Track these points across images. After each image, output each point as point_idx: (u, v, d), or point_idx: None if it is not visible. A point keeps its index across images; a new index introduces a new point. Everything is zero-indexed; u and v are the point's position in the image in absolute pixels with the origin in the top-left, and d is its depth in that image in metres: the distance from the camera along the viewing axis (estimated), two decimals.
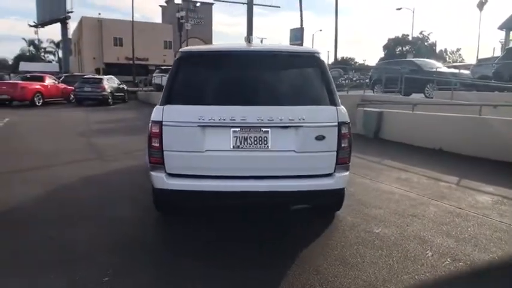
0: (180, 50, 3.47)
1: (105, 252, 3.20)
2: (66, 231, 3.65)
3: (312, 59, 3.44)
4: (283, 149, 3.10)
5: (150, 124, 3.15)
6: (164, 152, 3.13)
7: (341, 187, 3.25)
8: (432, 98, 13.60)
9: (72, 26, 45.83)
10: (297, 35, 48.93)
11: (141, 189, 4.70)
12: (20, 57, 63.45)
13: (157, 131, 3.10)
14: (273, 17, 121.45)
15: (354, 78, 28.25)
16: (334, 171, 3.19)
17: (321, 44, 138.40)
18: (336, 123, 3.12)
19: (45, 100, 18.35)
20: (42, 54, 69.24)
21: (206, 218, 4.05)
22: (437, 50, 62.33)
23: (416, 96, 14.24)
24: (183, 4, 31.55)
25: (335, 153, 3.15)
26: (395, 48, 69.60)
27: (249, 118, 3.07)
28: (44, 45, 67.29)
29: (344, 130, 3.16)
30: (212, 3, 49.60)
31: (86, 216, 4.07)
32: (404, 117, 9.19)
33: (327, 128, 3.11)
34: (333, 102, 3.19)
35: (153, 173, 3.19)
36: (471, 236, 3.64)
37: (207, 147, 3.10)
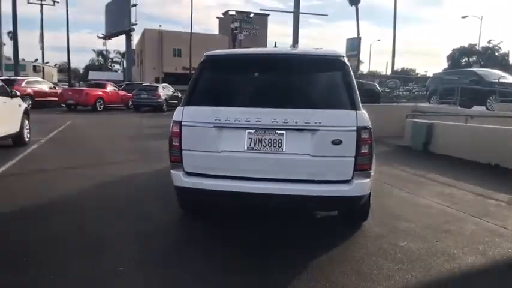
0: (205, 53, 3.57)
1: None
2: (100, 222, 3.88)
3: (333, 62, 3.37)
4: (298, 152, 3.05)
5: (171, 124, 3.27)
6: (183, 151, 3.22)
7: (359, 194, 3.11)
8: (494, 110, 12.65)
9: (136, 38, 48.88)
10: (353, 44, 48.19)
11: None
12: (90, 67, 68.78)
13: (177, 130, 3.21)
14: (331, 27, 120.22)
15: (414, 90, 27.11)
16: (352, 178, 3.07)
17: (379, 53, 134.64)
18: (355, 128, 3.01)
19: (106, 106, 19.64)
20: (110, 64, 74.47)
21: (223, 219, 4.09)
22: (511, 61, 57.58)
23: (478, 109, 13.34)
24: (236, 15, 32.37)
25: (353, 158, 3.03)
26: (460, 58, 65.84)
27: (264, 120, 3.06)
28: (111, 55, 72.38)
29: (364, 135, 3.04)
30: (268, 14, 50.41)
31: (119, 211, 4.29)
32: (457, 130, 8.63)
33: (345, 133, 3.02)
34: (353, 107, 3.09)
35: (172, 171, 3.30)
36: (510, 257, 3.31)
37: (222, 148, 3.14)
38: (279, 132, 3.06)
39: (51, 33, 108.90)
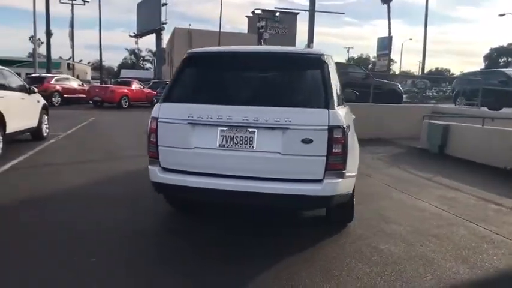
0: (188, 51, 3.63)
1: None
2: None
3: (311, 60, 3.34)
4: (269, 150, 3.05)
5: (149, 120, 3.35)
6: (159, 147, 3.29)
7: (330, 194, 3.06)
8: None
9: (167, 37, 49.89)
10: (384, 43, 47.01)
11: None
12: (123, 65, 70.83)
13: (154, 127, 3.28)
14: (366, 26, 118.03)
15: (447, 91, 26.23)
16: (324, 178, 3.03)
17: (412, 53, 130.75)
18: (326, 127, 2.97)
19: (131, 103, 20.18)
20: (141, 62, 76.38)
21: (205, 214, 4.16)
22: None
23: (506, 111, 12.75)
24: (262, 14, 32.40)
25: (324, 158, 2.99)
26: (498, 58, 63.04)
27: (235, 117, 3.07)
28: (143, 54, 74.17)
29: (336, 134, 2.98)
30: (297, 13, 50.08)
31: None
32: (473, 132, 8.28)
33: (315, 132, 2.98)
34: (326, 105, 3.04)
35: (149, 167, 3.37)
36: (493, 265, 3.17)
37: (195, 145, 3.18)
38: (250, 130, 3.06)
39: (87, 32, 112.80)
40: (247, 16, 57.00)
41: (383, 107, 11.34)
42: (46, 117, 8.92)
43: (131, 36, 52.83)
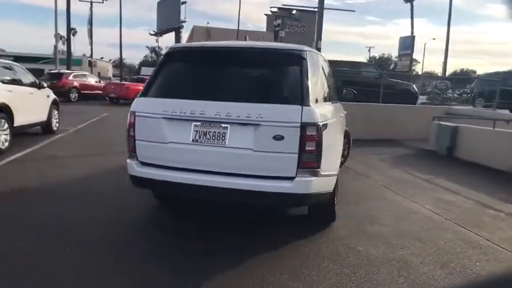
0: (170, 46, 3.66)
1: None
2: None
3: (289, 56, 3.30)
4: (241, 146, 3.03)
5: (128, 114, 3.39)
6: (136, 141, 3.33)
7: (303, 192, 3.01)
8: None
9: (186, 35, 50.25)
10: (406, 43, 45.96)
11: None
12: (144, 63, 71.85)
13: (132, 121, 3.32)
14: (389, 25, 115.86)
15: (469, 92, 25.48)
16: (296, 175, 2.99)
17: (435, 53, 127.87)
18: (298, 124, 2.93)
19: None
20: None
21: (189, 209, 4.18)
22: None
23: None
24: (279, 12, 32.21)
25: (296, 155, 2.95)
26: None
27: (208, 113, 3.07)
28: (163, 52, 74.96)
29: (310, 132, 2.94)
30: (316, 11, 49.58)
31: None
32: (482, 134, 8.02)
33: (287, 129, 2.94)
34: (301, 102, 2.99)
35: (128, 160, 3.41)
36: (474, 271, 3.07)
37: (170, 139, 3.19)
38: (223, 125, 3.05)
39: (110, 30, 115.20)
40: (266, 14, 56.87)
41: (393, 107, 11.10)
42: (56, 111, 9.14)
43: (151, 35, 53.31)
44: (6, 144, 6.66)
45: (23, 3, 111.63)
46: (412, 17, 49.59)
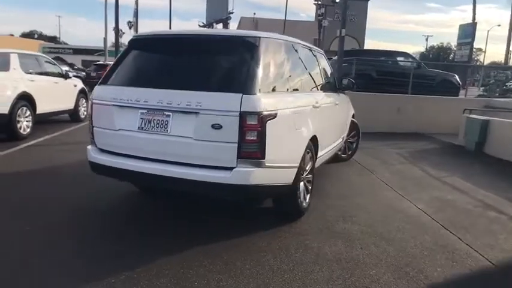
0: (134, 34, 3.68)
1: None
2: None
3: (240, 43, 3.18)
4: (182, 135, 2.98)
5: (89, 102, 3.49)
6: (93, 128, 3.42)
7: (242, 183, 2.90)
8: None
9: (234, 26, 50.64)
10: (467, 31, 42.77)
11: None
12: None
13: (90, 108, 3.41)
14: (452, 12, 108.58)
15: None
16: (236, 166, 2.89)
17: (502, 41, 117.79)
18: (237, 113, 2.81)
19: None
20: None
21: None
22: None
23: None
24: (323, 1, 31.28)
25: (236, 145, 2.85)
26: None
27: (151, 101, 3.06)
28: None
29: (250, 121, 2.81)
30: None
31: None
32: None
33: (225, 117, 2.84)
34: (242, 90, 2.87)
35: (88, 146, 3.52)
36: (429, 277, 2.80)
37: (119, 126, 3.24)
38: (166, 113, 3.03)
39: (165, 23, 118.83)
40: (314, 3, 55.70)
41: (425, 98, 10.40)
42: (84, 100, 9.65)
43: (200, 26, 54.59)
44: (28, 130, 7.15)
45: None
46: (474, 3, 45.92)
